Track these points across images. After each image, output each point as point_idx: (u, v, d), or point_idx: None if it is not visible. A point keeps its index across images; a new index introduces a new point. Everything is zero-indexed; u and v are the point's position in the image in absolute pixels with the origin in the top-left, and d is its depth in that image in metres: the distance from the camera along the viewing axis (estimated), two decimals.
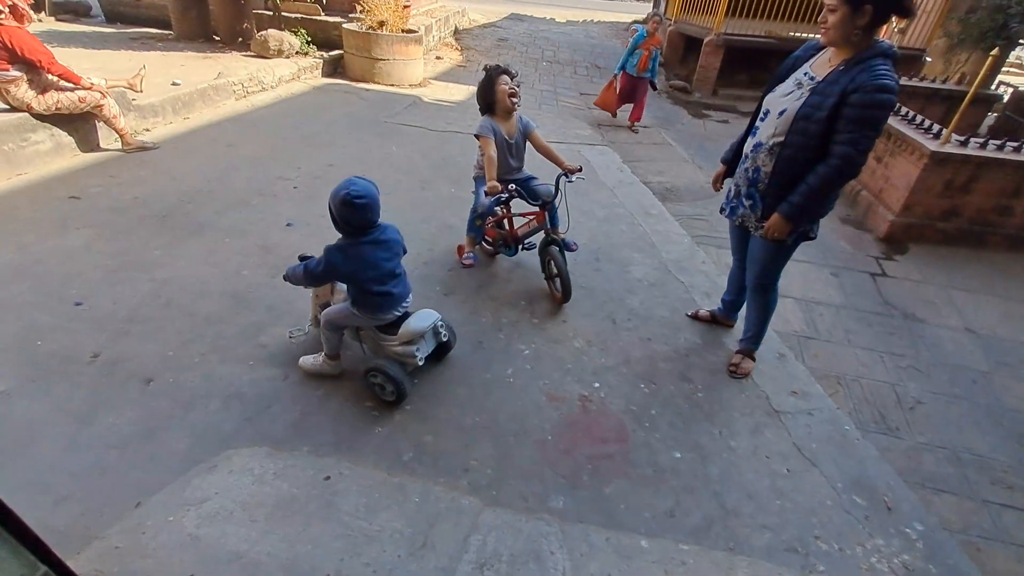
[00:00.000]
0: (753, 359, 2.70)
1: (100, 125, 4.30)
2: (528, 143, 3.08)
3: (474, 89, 7.06)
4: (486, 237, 3.32)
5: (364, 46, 7.10)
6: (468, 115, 6.42)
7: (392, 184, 4.27)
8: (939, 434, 2.62)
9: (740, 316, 3.02)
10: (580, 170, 2.85)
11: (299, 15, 7.79)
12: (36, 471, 1.82)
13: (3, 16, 3.55)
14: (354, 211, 1.98)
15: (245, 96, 6.02)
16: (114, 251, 3.08)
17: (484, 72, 2.94)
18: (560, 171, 2.89)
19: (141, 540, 1.52)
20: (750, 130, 2.35)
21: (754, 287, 2.55)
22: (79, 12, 8.70)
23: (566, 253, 2.91)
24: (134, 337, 2.46)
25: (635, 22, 13.74)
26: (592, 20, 14.71)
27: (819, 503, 2.06)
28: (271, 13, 7.51)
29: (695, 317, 3.05)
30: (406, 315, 2.22)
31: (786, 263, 2.45)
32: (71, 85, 3.95)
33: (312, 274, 2.11)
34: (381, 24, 7.09)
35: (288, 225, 3.53)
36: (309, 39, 7.46)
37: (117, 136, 4.32)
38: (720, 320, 2.99)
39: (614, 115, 7.40)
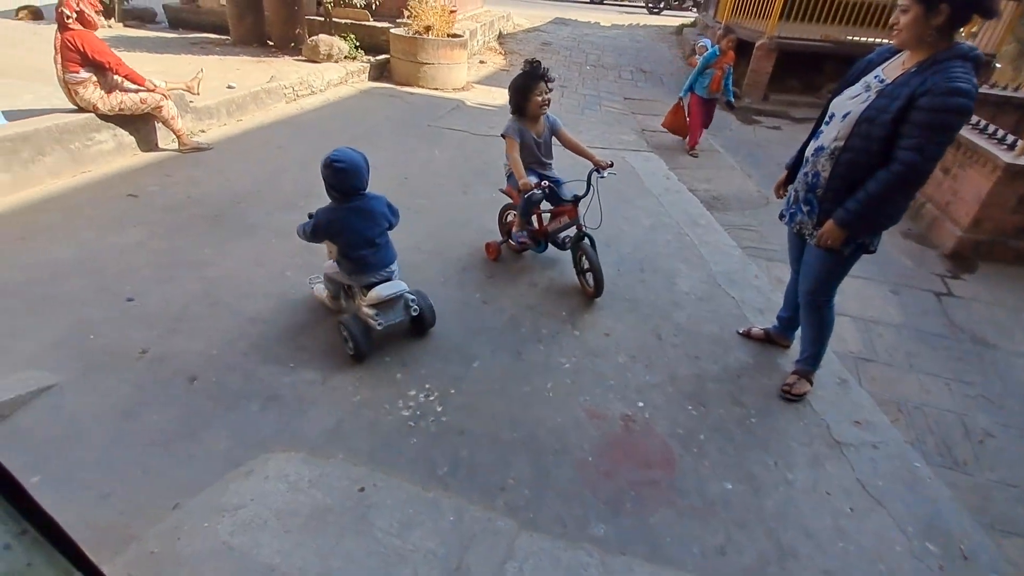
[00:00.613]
0: (810, 382, 2.52)
1: (159, 126, 4.47)
2: (556, 140, 3.12)
3: None
4: (512, 232, 3.32)
5: (410, 50, 7.18)
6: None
7: (434, 188, 4.25)
8: (1011, 471, 2.37)
9: (798, 336, 2.84)
10: (611, 165, 2.87)
11: (349, 20, 7.97)
12: (82, 466, 1.86)
13: (71, 21, 3.73)
14: (334, 174, 2.19)
15: (295, 99, 6.17)
16: (167, 249, 3.17)
17: (524, 67, 2.89)
18: (592, 167, 2.89)
19: (176, 546, 1.51)
20: (814, 134, 2.22)
21: (807, 303, 2.39)
22: (145, 18, 9.18)
23: (596, 248, 2.94)
24: (181, 335, 2.51)
25: (683, 27, 13.44)
26: (638, 24, 14.46)
27: (887, 548, 1.88)
28: (322, 19, 7.70)
29: (747, 335, 2.88)
30: (385, 281, 2.39)
31: (841, 279, 2.29)
32: (135, 87, 4.13)
33: (306, 232, 2.40)
34: (427, 29, 7.16)
35: None
36: (358, 44, 7.61)
37: (174, 137, 4.49)
38: (775, 339, 2.81)
39: (685, 137, 6.67)
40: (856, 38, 9.09)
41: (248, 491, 1.72)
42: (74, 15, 3.77)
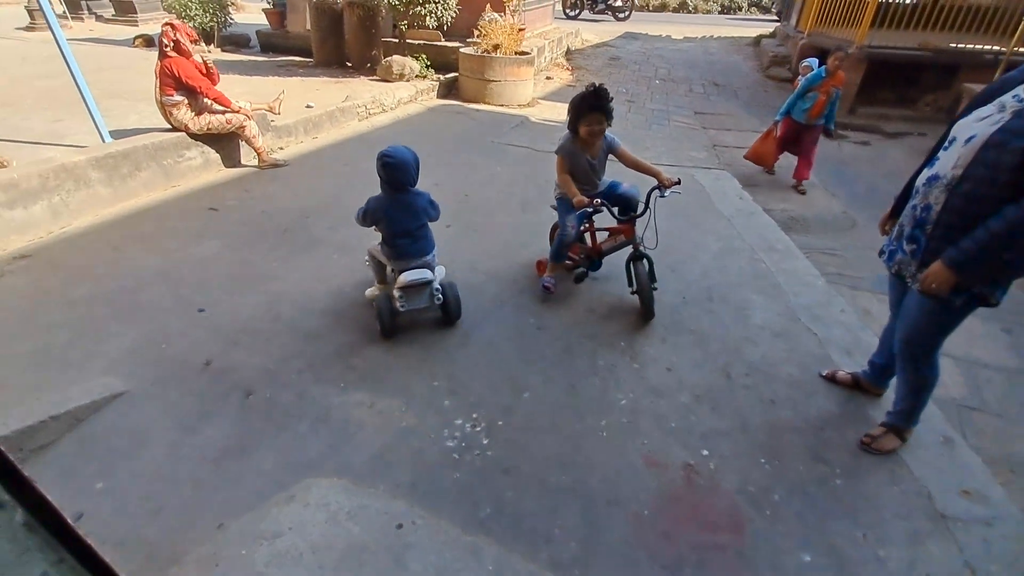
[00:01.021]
0: (902, 439, 2.18)
1: (242, 144, 4.76)
2: (615, 158, 2.93)
3: None
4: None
5: (478, 68, 7.28)
6: None
7: (494, 205, 4.22)
8: None
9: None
10: (678, 182, 2.67)
11: (422, 41, 8.22)
12: (141, 477, 1.92)
13: (169, 50, 4.07)
14: (384, 167, 2.46)
15: (367, 117, 6.41)
16: (239, 260, 3.32)
17: (587, 90, 2.70)
18: (653, 185, 2.71)
19: (213, 574, 1.50)
20: (929, 161, 1.92)
21: (904, 353, 2.06)
22: (240, 43, 9.98)
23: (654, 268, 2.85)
24: (243, 348, 2.58)
25: (761, 37, 12.81)
26: (711, 36, 13.96)
27: None
28: (397, 40, 8.00)
29: (832, 379, 2.56)
30: (418, 268, 2.61)
31: (948, 333, 1.95)
32: (222, 108, 4.43)
33: (358, 215, 2.64)
34: (496, 47, 7.24)
35: None
36: (429, 63, 7.83)
37: (255, 154, 4.76)
38: (865, 387, 2.48)
39: (771, 170, 5.88)
40: (959, 45, 8.22)
41: (288, 518, 1.69)
42: (172, 44, 4.12)
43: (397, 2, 6.69)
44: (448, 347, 2.65)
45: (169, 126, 4.35)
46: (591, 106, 2.66)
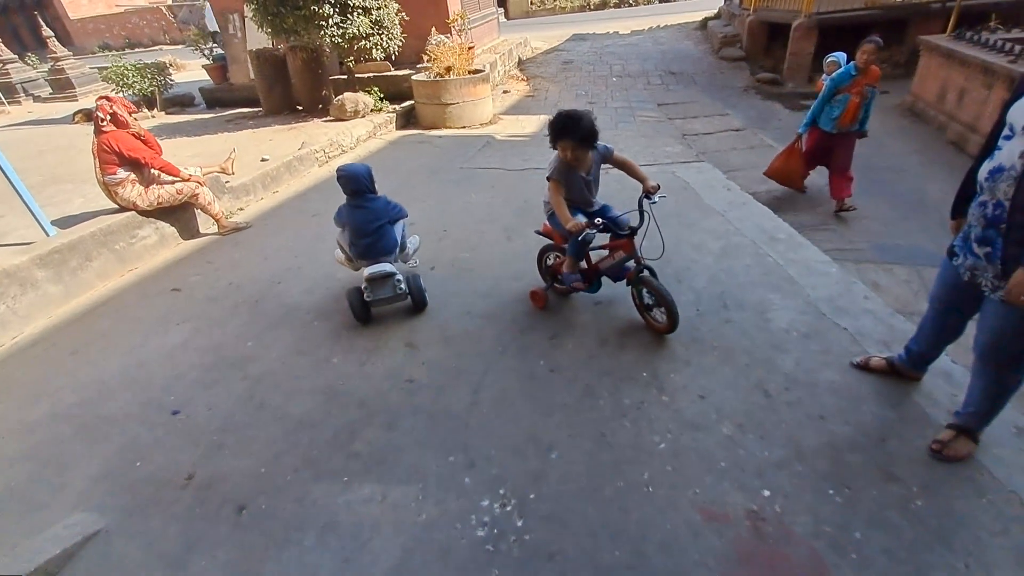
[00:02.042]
0: (975, 440, 1.97)
1: (198, 212, 4.46)
2: (609, 166, 2.76)
3: (545, 119, 6.67)
4: (557, 276, 2.98)
5: (434, 93, 7.08)
6: (543, 149, 6.04)
7: (476, 238, 3.97)
8: None
9: (945, 375, 2.30)
10: (658, 187, 2.52)
11: (371, 74, 8.01)
12: None
13: (105, 124, 3.77)
14: (339, 180, 2.94)
15: (327, 161, 6.15)
16: (210, 346, 3.02)
17: (555, 117, 2.49)
18: (641, 193, 2.54)
19: None
20: (987, 153, 1.69)
21: (986, 361, 1.85)
22: (184, 103, 9.66)
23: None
24: (227, 451, 2.29)
25: (707, 19, 12.89)
26: (658, 26, 14.03)
27: None
28: (346, 77, 7.77)
29: (864, 367, 2.38)
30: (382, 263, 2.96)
31: None
32: (171, 178, 4.13)
33: (335, 218, 3.08)
34: (448, 70, 7.05)
35: None
36: (382, 95, 7.61)
37: (213, 221, 4.46)
38: (901, 371, 2.29)
39: (802, 189, 4.84)
40: None
41: None
42: (108, 118, 3.82)
43: (340, 39, 6.47)
44: (456, 410, 2.39)
45: (116, 206, 4.04)
46: (558, 131, 2.47)
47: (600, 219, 2.47)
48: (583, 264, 2.88)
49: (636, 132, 6.88)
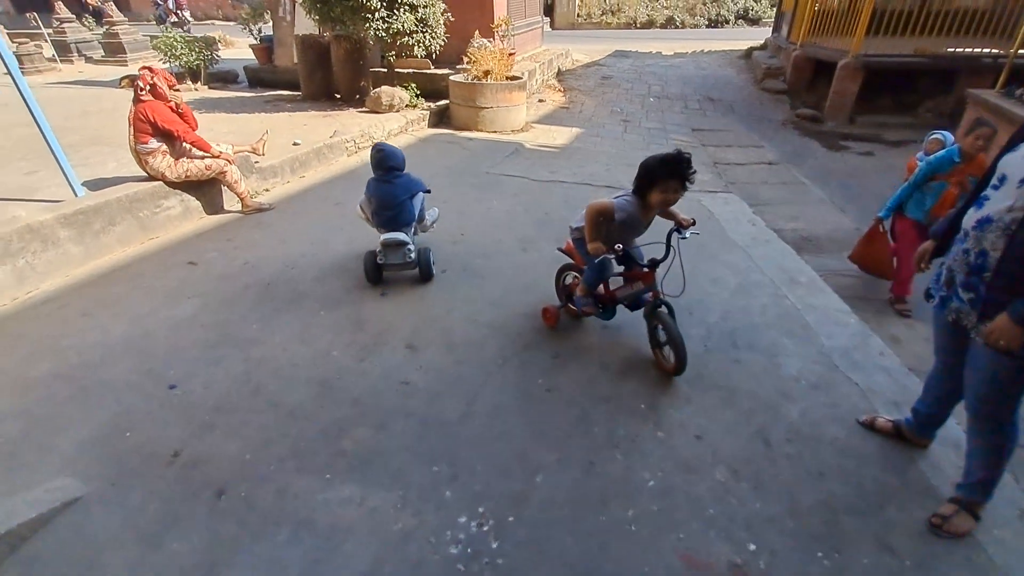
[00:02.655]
0: (976, 516, 1.88)
1: (224, 188, 4.53)
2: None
3: (576, 131, 6.66)
4: (573, 296, 2.91)
5: (469, 95, 7.11)
6: (572, 162, 6.07)
7: (492, 245, 3.96)
8: None
9: (952, 443, 2.20)
10: (693, 223, 2.49)
11: (411, 70, 8.08)
12: None
13: (144, 93, 3.85)
14: (376, 155, 3.26)
15: (356, 152, 6.20)
16: (216, 323, 3.05)
17: (669, 154, 2.32)
18: (672, 226, 2.51)
19: None
20: (974, 199, 1.69)
21: (977, 414, 1.81)
22: (228, 80, 9.86)
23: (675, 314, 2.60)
24: (217, 432, 2.29)
25: (752, 49, 12.75)
26: (703, 51, 13.93)
27: None
28: (385, 70, 7.85)
29: (870, 426, 2.30)
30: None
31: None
32: (201, 153, 4.20)
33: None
34: (486, 74, 7.08)
35: (382, 295, 3.32)
36: (418, 92, 7.66)
37: (238, 199, 4.52)
38: (908, 436, 2.21)
39: (892, 277, 3.92)
40: (956, 49, 8.09)
41: None
42: (147, 88, 3.90)
43: (384, 33, 6.54)
44: (448, 419, 2.36)
45: (146, 175, 4.12)
46: (670, 170, 2.29)
47: (620, 246, 2.40)
48: (599, 290, 2.80)
49: None
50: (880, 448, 2.20)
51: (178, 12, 16.53)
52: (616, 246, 2.39)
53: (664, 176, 2.30)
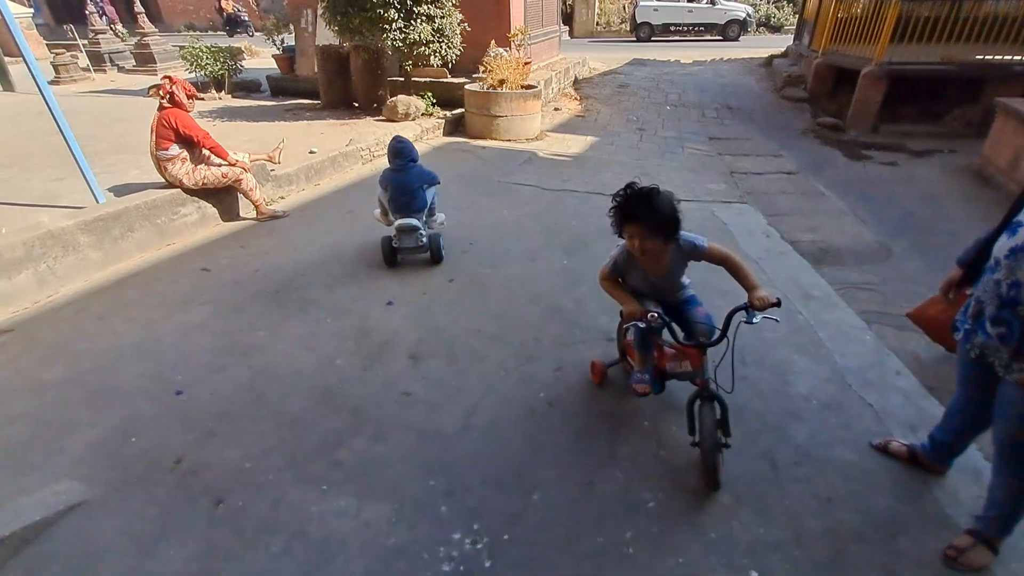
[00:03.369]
0: (994, 551, 1.79)
1: (240, 196, 4.62)
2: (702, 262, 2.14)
3: (591, 140, 6.60)
4: (627, 357, 2.48)
5: (484, 104, 7.15)
6: (584, 171, 6.04)
7: (500, 255, 3.95)
8: None
9: (970, 470, 2.10)
10: (777, 304, 1.88)
11: (427, 79, 8.17)
12: None
13: (165, 101, 3.98)
14: (393, 146, 3.60)
15: (371, 160, 6.27)
16: (225, 330, 3.09)
17: (622, 192, 1.93)
18: (738, 306, 1.95)
19: None
20: (1005, 225, 1.60)
21: (1008, 456, 1.71)
22: (251, 88, 10.10)
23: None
24: (219, 439, 2.32)
25: (773, 57, 12.59)
26: (722, 59, 13.79)
27: None
28: (402, 79, 7.95)
29: (883, 450, 2.21)
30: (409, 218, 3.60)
31: None
32: (219, 160, 4.30)
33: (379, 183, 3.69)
34: (501, 83, 7.11)
35: (388, 304, 3.33)
36: (434, 101, 7.74)
37: (253, 206, 4.61)
38: (923, 462, 2.11)
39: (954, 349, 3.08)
40: (984, 57, 7.85)
41: None
42: (167, 97, 4.02)
43: (401, 44, 6.62)
44: (447, 432, 2.34)
45: (165, 182, 4.22)
46: (622, 212, 1.91)
47: (656, 313, 1.95)
48: (654, 354, 2.26)
49: (681, 165, 6.73)
50: (893, 474, 2.11)
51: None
52: (650, 314, 1.96)
53: (623, 219, 1.91)
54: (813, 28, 10.75)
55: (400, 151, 3.57)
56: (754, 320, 1.90)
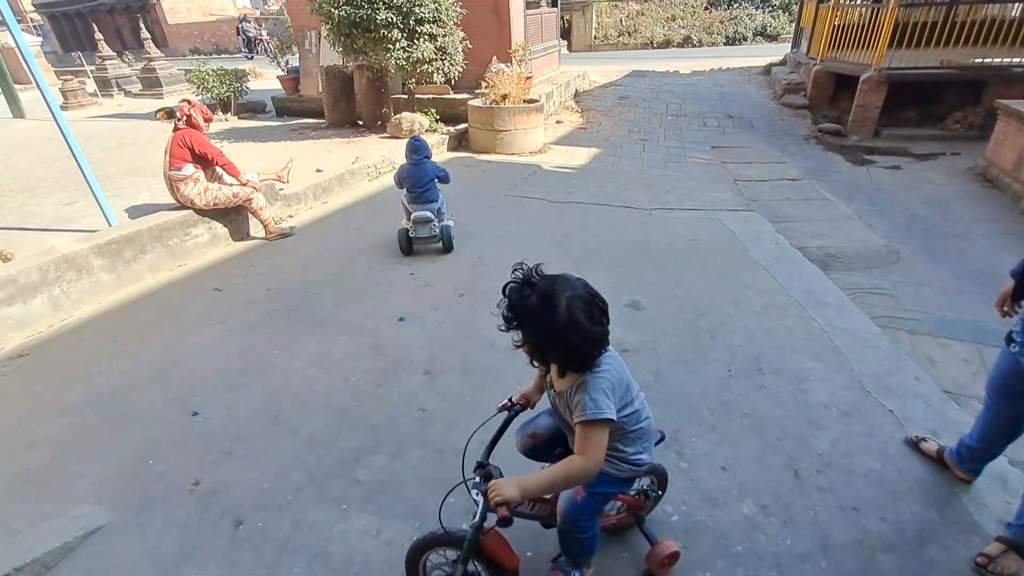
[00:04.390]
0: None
1: (250, 215, 4.66)
2: None
3: (594, 152, 6.71)
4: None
5: (487, 119, 7.22)
6: (590, 182, 6.07)
7: (510, 269, 3.94)
8: None
9: (1000, 478, 2.07)
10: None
11: (431, 96, 8.27)
12: None
13: (181, 123, 4.05)
14: (411, 144, 4.11)
15: (377, 177, 6.34)
16: (240, 350, 3.10)
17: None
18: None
19: None
20: None
21: None
22: (256, 110, 10.24)
23: None
24: (236, 460, 2.31)
25: (771, 65, 12.69)
26: (720, 68, 13.90)
27: None
28: (406, 97, 8.05)
29: (915, 446, 2.22)
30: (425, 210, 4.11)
31: None
32: (230, 180, 4.36)
33: (395, 177, 4.21)
34: (504, 97, 7.19)
35: (400, 320, 3.34)
36: (438, 117, 7.83)
37: (262, 226, 4.65)
38: (951, 467, 2.09)
39: None
40: (983, 60, 7.88)
41: None
42: (185, 118, 4.10)
43: (405, 62, 6.72)
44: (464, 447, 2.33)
45: (176, 203, 4.27)
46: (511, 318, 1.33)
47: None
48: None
49: (686, 174, 6.76)
50: (919, 481, 2.09)
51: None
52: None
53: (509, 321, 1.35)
54: (810, 36, 10.84)
55: (417, 147, 4.10)
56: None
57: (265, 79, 14.15)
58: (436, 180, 4.15)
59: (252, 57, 13.93)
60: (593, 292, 1.32)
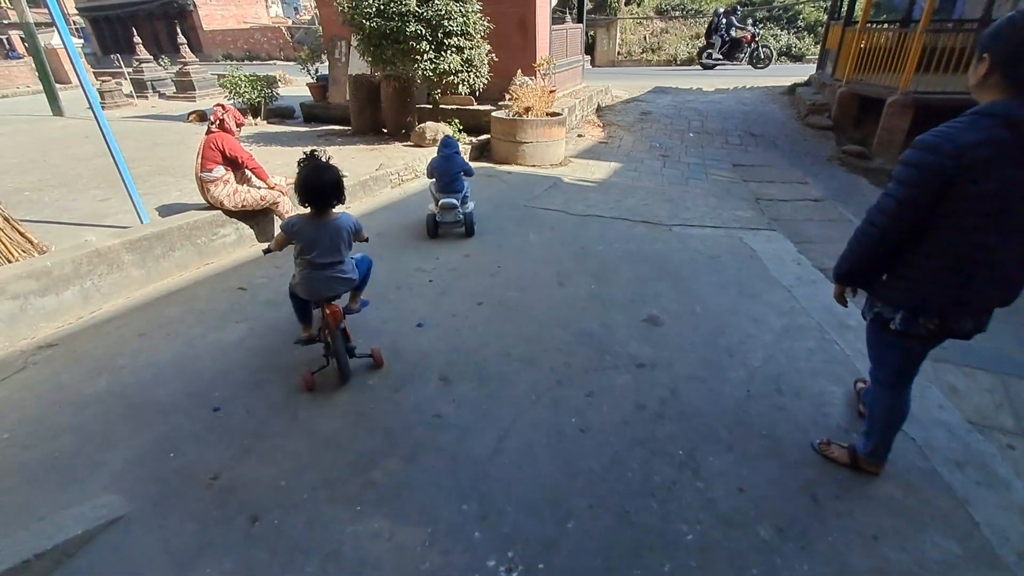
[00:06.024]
0: (875, 469, 2.18)
1: (276, 218, 4.76)
2: None
3: (615, 166, 6.78)
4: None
5: (510, 131, 7.30)
6: (609, 196, 6.08)
7: (528, 279, 3.97)
8: None
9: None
10: None
11: (454, 106, 8.39)
12: None
13: (214, 126, 4.17)
14: (444, 140, 4.67)
15: (399, 184, 6.43)
16: (261, 348, 3.16)
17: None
18: None
19: None
20: None
21: None
22: (285, 115, 10.49)
23: None
24: (254, 457, 2.35)
25: (796, 85, 12.62)
26: (744, 87, 13.86)
27: None
28: (431, 107, 8.18)
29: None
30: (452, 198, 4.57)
31: (887, 356, 2.02)
32: (259, 184, 4.47)
33: (428, 169, 4.73)
34: (527, 110, 7.26)
35: (419, 326, 3.37)
36: (461, 127, 7.93)
37: None
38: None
39: None
40: None
41: None
42: (218, 122, 4.22)
43: (431, 73, 6.85)
44: (479, 456, 2.34)
45: (206, 203, 4.39)
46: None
47: None
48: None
49: (706, 191, 6.74)
50: (939, 512, 2.03)
51: None
52: None
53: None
54: (836, 57, 10.78)
55: (448, 143, 4.64)
56: None
57: (295, 86, 14.50)
58: (462, 173, 4.58)
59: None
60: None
